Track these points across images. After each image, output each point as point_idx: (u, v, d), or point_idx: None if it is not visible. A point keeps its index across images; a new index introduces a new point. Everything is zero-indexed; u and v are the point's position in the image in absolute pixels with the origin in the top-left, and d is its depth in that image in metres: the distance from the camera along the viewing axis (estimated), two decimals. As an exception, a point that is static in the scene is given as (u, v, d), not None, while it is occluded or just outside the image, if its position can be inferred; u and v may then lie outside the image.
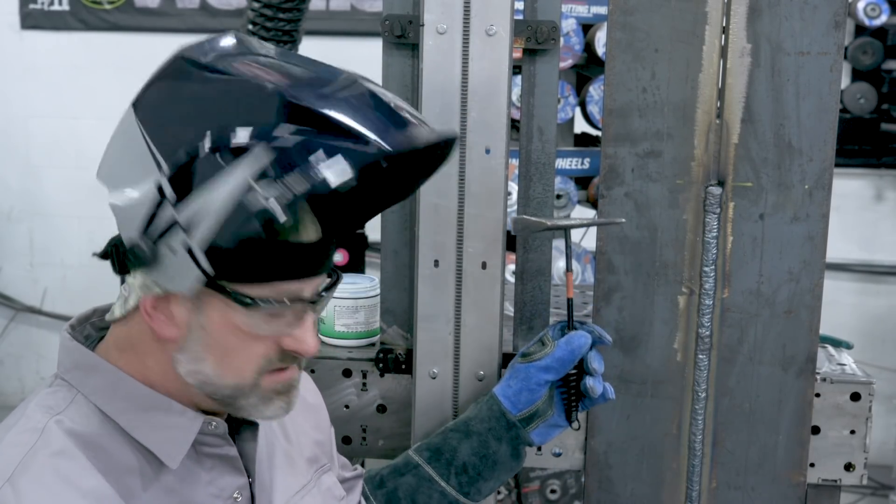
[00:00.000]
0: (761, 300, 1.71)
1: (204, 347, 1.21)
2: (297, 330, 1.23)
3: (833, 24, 1.64)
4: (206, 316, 1.20)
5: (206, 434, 1.28)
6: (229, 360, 1.22)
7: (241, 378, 1.23)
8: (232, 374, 1.22)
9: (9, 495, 1.14)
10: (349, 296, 1.89)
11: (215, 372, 1.22)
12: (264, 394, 1.24)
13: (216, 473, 1.29)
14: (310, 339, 1.23)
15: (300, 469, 1.47)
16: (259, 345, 1.22)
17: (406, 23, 1.72)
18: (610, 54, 1.69)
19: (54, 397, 1.25)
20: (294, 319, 1.22)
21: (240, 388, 1.23)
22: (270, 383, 1.25)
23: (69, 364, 1.28)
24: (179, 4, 5.24)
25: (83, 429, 1.22)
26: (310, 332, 1.24)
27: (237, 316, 1.19)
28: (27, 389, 5.56)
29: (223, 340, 1.21)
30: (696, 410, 1.74)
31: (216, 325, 1.20)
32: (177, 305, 1.20)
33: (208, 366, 1.22)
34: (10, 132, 5.35)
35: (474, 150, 1.64)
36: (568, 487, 3.50)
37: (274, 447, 1.42)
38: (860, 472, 1.78)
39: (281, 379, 1.25)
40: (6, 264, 5.46)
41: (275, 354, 1.23)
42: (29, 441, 1.19)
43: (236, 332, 1.20)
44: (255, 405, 1.25)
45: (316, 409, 1.57)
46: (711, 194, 1.69)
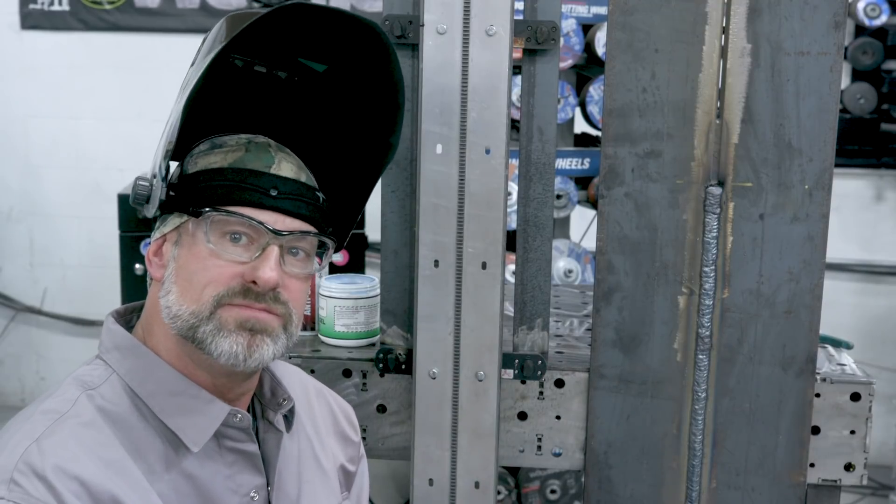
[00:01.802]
0: (761, 300, 1.71)
1: (174, 278, 1.28)
2: (257, 260, 1.26)
3: (833, 24, 1.64)
4: (180, 247, 1.28)
5: (230, 426, 1.30)
6: (190, 286, 1.26)
7: (198, 303, 1.25)
8: (191, 300, 1.26)
9: (34, 454, 1.19)
10: (349, 296, 1.89)
11: (177, 300, 1.26)
12: (223, 323, 1.26)
13: (236, 469, 1.32)
14: (267, 267, 1.25)
15: (333, 489, 1.49)
16: (218, 269, 1.26)
17: (406, 23, 1.72)
18: (610, 54, 1.69)
19: (90, 374, 1.30)
20: (257, 250, 1.26)
21: (197, 314, 1.25)
22: (230, 315, 1.26)
23: (109, 345, 1.33)
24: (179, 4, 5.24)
25: (113, 406, 1.26)
26: (269, 264, 1.26)
27: (197, 235, 1.26)
28: (27, 389, 5.56)
29: (188, 267, 1.27)
30: (696, 410, 1.74)
31: (185, 254, 1.27)
32: (167, 245, 1.30)
33: (173, 295, 1.27)
34: (10, 132, 5.34)
35: (474, 150, 1.64)
36: (568, 487, 3.50)
37: (306, 461, 1.44)
38: (860, 473, 1.78)
39: (241, 314, 1.26)
40: (6, 264, 5.46)
41: (237, 286, 1.26)
42: (61, 409, 1.24)
43: (198, 255, 1.26)
44: (213, 334, 1.25)
45: (356, 445, 1.60)
46: (711, 194, 1.69)
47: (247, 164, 1.28)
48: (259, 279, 1.25)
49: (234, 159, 1.28)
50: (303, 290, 1.33)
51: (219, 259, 1.26)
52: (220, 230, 1.26)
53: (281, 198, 1.27)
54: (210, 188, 1.27)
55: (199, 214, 1.25)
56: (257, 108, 1.41)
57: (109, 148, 5.19)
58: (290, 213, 1.28)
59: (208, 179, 1.27)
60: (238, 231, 1.26)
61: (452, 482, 1.73)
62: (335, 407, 1.57)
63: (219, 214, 1.25)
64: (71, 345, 5.44)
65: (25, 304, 5.47)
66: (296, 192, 1.29)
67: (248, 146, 1.30)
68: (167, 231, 1.30)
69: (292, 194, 1.29)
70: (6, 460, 1.18)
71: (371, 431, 1.85)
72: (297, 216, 1.29)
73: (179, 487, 1.27)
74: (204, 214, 1.25)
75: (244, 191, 1.26)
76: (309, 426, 1.48)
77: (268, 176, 1.28)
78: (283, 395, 1.39)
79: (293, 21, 1.30)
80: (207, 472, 1.29)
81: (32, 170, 5.37)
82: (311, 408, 1.51)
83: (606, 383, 1.78)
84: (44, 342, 5.52)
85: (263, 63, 1.39)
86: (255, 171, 1.27)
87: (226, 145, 1.31)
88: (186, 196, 1.28)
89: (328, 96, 1.41)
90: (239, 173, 1.27)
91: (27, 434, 1.21)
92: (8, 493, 1.15)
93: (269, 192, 1.27)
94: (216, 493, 1.29)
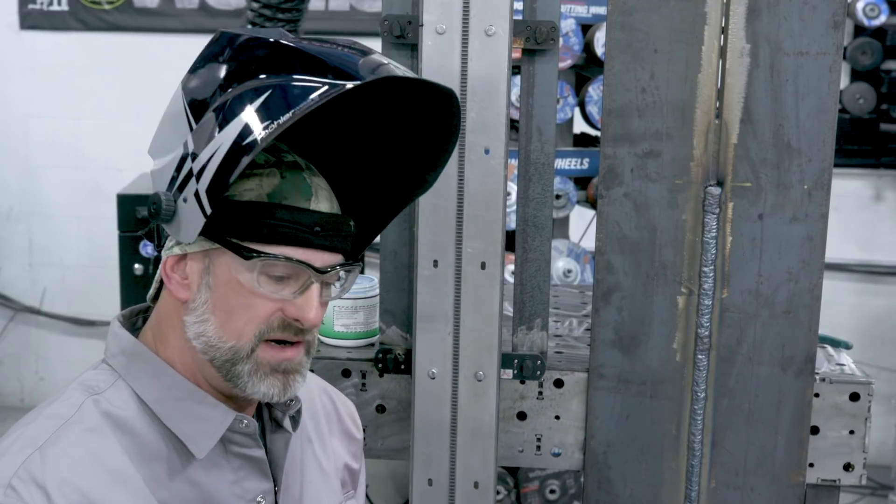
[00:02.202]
0: (760, 300, 1.72)
1: (209, 307, 1.25)
2: (299, 298, 1.25)
3: (832, 24, 1.64)
4: (214, 275, 1.24)
5: (236, 432, 1.30)
6: (230, 319, 1.24)
7: (239, 340, 1.24)
8: (231, 334, 1.24)
9: (36, 462, 1.18)
10: (348, 296, 1.88)
11: (216, 332, 1.25)
12: (260, 365, 1.25)
13: (243, 474, 1.31)
14: (311, 308, 1.25)
15: (334, 489, 1.48)
16: (261, 308, 1.24)
17: (405, 23, 1.72)
18: (609, 54, 1.70)
19: (96, 379, 1.29)
20: (299, 288, 1.24)
21: (237, 351, 1.25)
22: (267, 356, 1.26)
23: (115, 350, 1.32)
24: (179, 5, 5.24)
25: (118, 412, 1.26)
26: (312, 303, 1.25)
27: (240, 273, 1.23)
28: (26, 390, 5.56)
29: (226, 299, 1.24)
30: (696, 410, 1.74)
31: (221, 284, 1.24)
32: (191, 265, 1.26)
33: (211, 326, 1.25)
34: (9, 132, 5.34)
35: (473, 150, 1.64)
36: (567, 487, 3.51)
37: (308, 461, 1.43)
38: (859, 473, 1.78)
39: (279, 356, 1.26)
40: (5, 264, 5.46)
41: (276, 321, 1.25)
42: (65, 415, 1.23)
43: (240, 290, 1.23)
44: (250, 374, 1.25)
45: (358, 443, 1.59)
46: (710, 194, 1.69)
47: (287, 197, 1.24)
48: (305, 320, 1.24)
49: (270, 188, 1.24)
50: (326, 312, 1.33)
51: (262, 298, 1.24)
52: (266, 272, 1.23)
53: (323, 235, 1.25)
54: (253, 224, 1.22)
55: (249, 257, 1.21)
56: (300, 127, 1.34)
57: (109, 148, 5.19)
58: (329, 248, 1.26)
59: (248, 212, 1.23)
60: (283, 273, 1.24)
61: (451, 482, 1.73)
62: (339, 405, 1.57)
63: (269, 261, 1.22)
64: (70, 345, 5.44)
65: (25, 304, 5.47)
66: (335, 228, 1.27)
67: (284, 172, 1.26)
68: (192, 251, 1.26)
69: (332, 231, 1.26)
70: (6, 466, 1.18)
71: (370, 431, 1.85)
72: (333, 250, 1.27)
73: (185, 495, 1.26)
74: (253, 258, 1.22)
75: (290, 231, 1.23)
76: (310, 426, 1.48)
77: (309, 213, 1.24)
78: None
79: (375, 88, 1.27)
80: (213, 479, 1.28)
81: (32, 170, 5.37)
82: (313, 406, 1.51)
83: (605, 383, 1.78)
84: (43, 342, 5.52)
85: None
86: (297, 209, 1.24)
87: (257, 170, 1.25)
88: (228, 228, 1.23)
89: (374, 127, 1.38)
90: (284, 210, 1.23)
91: (30, 440, 1.21)
92: (4, 499, 1.14)
93: (313, 231, 1.24)
94: (222, 499, 1.29)
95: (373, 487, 4.03)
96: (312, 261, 1.24)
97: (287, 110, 1.15)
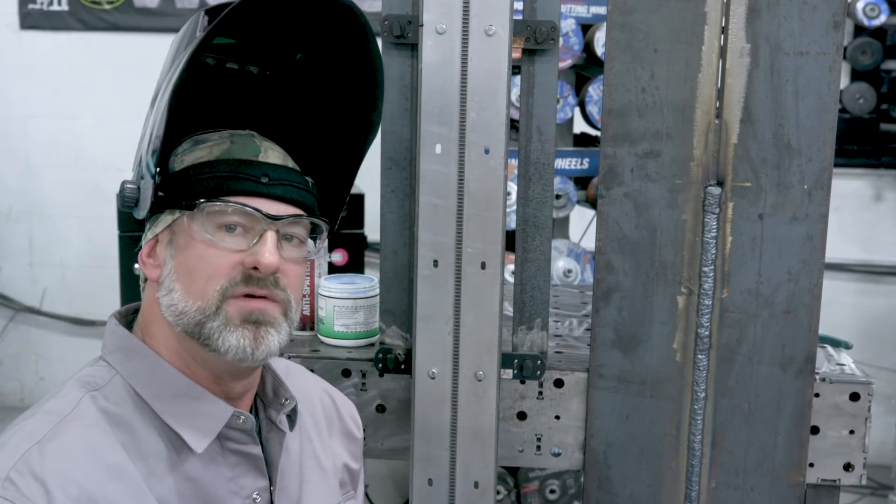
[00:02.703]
0: (760, 300, 1.72)
1: (174, 275, 1.27)
2: (255, 247, 1.26)
3: (832, 24, 1.64)
4: (176, 244, 1.28)
5: (233, 428, 1.30)
6: (193, 281, 1.26)
7: (204, 299, 1.25)
8: (196, 295, 1.26)
9: (35, 456, 1.18)
10: (348, 296, 1.89)
11: (182, 297, 1.26)
12: (229, 319, 1.26)
13: (239, 471, 1.32)
14: (265, 252, 1.26)
15: (333, 489, 1.48)
16: (218, 261, 1.26)
17: (405, 23, 1.72)
18: (609, 54, 1.70)
19: (94, 375, 1.30)
20: (254, 237, 1.26)
21: (203, 310, 1.25)
22: (235, 309, 1.26)
23: (112, 346, 1.33)
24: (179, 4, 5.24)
25: (116, 408, 1.26)
26: (268, 248, 1.26)
27: (194, 230, 1.26)
28: (26, 390, 5.56)
29: (188, 263, 1.26)
30: (696, 410, 1.74)
31: (181, 249, 1.27)
32: (160, 246, 1.29)
33: (177, 294, 1.27)
34: (9, 132, 5.34)
35: (473, 150, 1.64)
36: (567, 487, 3.51)
37: (308, 461, 1.44)
38: (859, 472, 1.78)
39: (247, 306, 1.27)
40: (5, 264, 5.46)
41: (238, 275, 1.26)
42: (63, 411, 1.24)
43: (196, 248, 1.26)
44: (219, 330, 1.26)
45: (357, 442, 1.60)
46: (711, 194, 1.69)
47: (234, 155, 1.28)
48: (260, 264, 1.25)
49: (220, 152, 1.29)
50: (300, 274, 1.33)
51: (217, 250, 1.26)
52: (216, 221, 1.26)
53: (272, 184, 1.28)
54: (201, 181, 1.27)
55: (194, 207, 1.25)
56: (235, 104, 1.40)
57: (109, 148, 5.19)
58: (282, 198, 1.28)
59: (198, 173, 1.27)
60: (234, 221, 1.26)
61: (452, 482, 1.73)
62: (340, 405, 1.58)
63: (214, 205, 1.25)
64: (70, 345, 5.44)
65: (25, 304, 5.47)
66: (286, 177, 1.30)
67: (233, 138, 1.30)
68: (159, 231, 1.30)
69: (283, 180, 1.29)
70: (5, 460, 1.18)
71: (370, 431, 1.85)
72: (289, 202, 1.29)
73: (181, 490, 1.26)
74: (199, 207, 1.25)
75: (236, 180, 1.26)
76: (311, 426, 1.48)
77: (257, 164, 1.28)
78: (286, 394, 1.39)
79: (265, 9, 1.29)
80: (210, 475, 1.29)
81: (32, 170, 5.37)
82: (313, 406, 1.51)
83: (606, 383, 1.78)
84: (43, 342, 5.52)
85: (235, 60, 1.39)
86: (244, 161, 1.28)
87: (209, 140, 1.31)
88: (177, 192, 1.27)
89: (305, 83, 1.41)
90: (228, 164, 1.27)
91: (29, 435, 1.21)
92: (2, 492, 1.15)
93: (260, 180, 1.27)
94: (218, 495, 1.29)
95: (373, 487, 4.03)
96: (264, 209, 1.26)
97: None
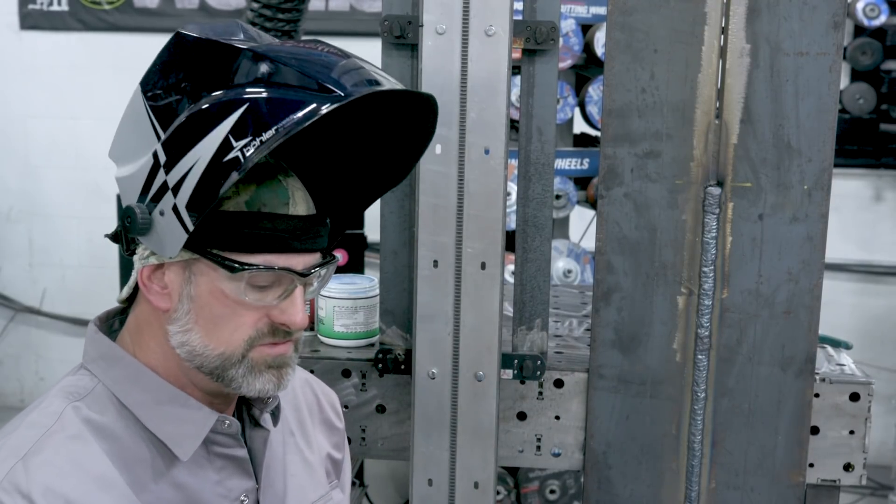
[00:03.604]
0: (760, 300, 1.72)
1: (193, 317, 1.24)
2: (284, 303, 1.24)
3: (832, 24, 1.64)
4: (196, 285, 1.23)
5: (218, 433, 1.30)
6: (217, 329, 1.23)
7: (228, 347, 1.24)
8: (219, 343, 1.24)
9: (20, 473, 1.17)
10: (348, 296, 1.89)
11: (202, 342, 1.24)
12: (254, 365, 1.25)
13: (226, 474, 1.31)
14: (297, 311, 1.25)
15: (319, 480, 1.48)
16: (247, 316, 1.24)
17: (405, 23, 1.72)
18: (609, 55, 1.70)
19: (75, 385, 1.28)
20: (282, 292, 1.24)
21: (227, 357, 1.24)
22: (261, 356, 1.26)
23: (94, 354, 1.31)
24: (179, 5, 5.24)
25: (100, 417, 1.25)
26: (297, 306, 1.25)
27: (224, 284, 1.22)
28: (26, 390, 5.56)
29: (211, 309, 1.23)
30: (696, 411, 1.74)
31: (204, 294, 1.23)
32: (170, 275, 1.24)
33: (196, 336, 1.24)
34: (9, 132, 5.35)
35: (473, 150, 1.64)
36: (567, 488, 3.50)
37: (291, 455, 1.43)
38: (859, 473, 1.78)
39: (272, 353, 1.26)
40: (5, 264, 5.46)
41: (264, 327, 1.25)
42: (46, 423, 1.22)
43: (224, 300, 1.22)
44: (244, 376, 1.25)
45: (340, 433, 1.59)
46: (710, 195, 1.69)
47: (265, 204, 1.22)
48: (292, 324, 1.24)
49: (248, 196, 1.22)
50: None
51: (248, 306, 1.23)
52: (253, 282, 1.22)
53: (304, 239, 1.24)
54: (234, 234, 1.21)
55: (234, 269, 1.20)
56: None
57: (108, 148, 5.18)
58: (309, 251, 1.26)
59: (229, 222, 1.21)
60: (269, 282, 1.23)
61: (451, 482, 1.73)
62: (321, 395, 1.57)
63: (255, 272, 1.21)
64: (70, 345, 5.44)
65: (25, 304, 5.47)
66: (313, 230, 1.26)
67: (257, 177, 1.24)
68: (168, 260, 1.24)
69: (311, 232, 1.26)
70: None
71: (370, 432, 1.85)
72: (313, 251, 1.27)
73: (169, 497, 1.26)
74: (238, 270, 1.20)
75: (272, 239, 1.22)
76: (292, 419, 1.47)
77: (288, 218, 1.23)
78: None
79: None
80: (197, 480, 1.28)
81: (32, 170, 5.38)
82: (296, 399, 1.50)
83: (605, 383, 1.78)
84: (43, 342, 5.53)
85: None
86: (278, 216, 1.22)
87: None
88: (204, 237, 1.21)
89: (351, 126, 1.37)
90: (261, 219, 1.21)
91: (12, 450, 1.20)
92: None
93: (294, 235, 1.23)
94: (206, 499, 1.29)
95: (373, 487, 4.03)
96: (294, 265, 1.24)
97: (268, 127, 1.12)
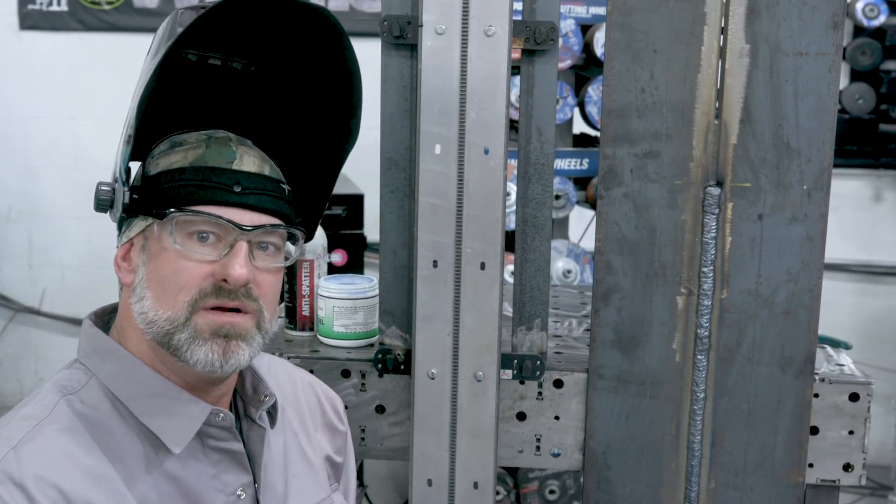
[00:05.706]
0: (760, 300, 1.72)
1: (145, 283, 1.27)
2: (226, 258, 1.25)
3: (831, 24, 1.64)
4: (148, 250, 1.27)
5: (212, 426, 1.30)
6: (164, 290, 1.25)
7: (174, 309, 1.25)
8: (166, 304, 1.25)
9: (12, 462, 1.18)
10: (348, 296, 1.89)
11: (152, 306, 1.26)
12: (198, 332, 1.25)
13: (222, 468, 1.32)
14: (236, 265, 1.24)
15: (322, 482, 1.48)
16: (190, 272, 1.25)
17: (405, 23, 1.72)
18: (608, 55, 1.70)
19: (70, 379, 1.29)
20: (225, 248, 1.25)
21: (173, 321, 1.25)
22: (205, 321, 1.26)
23: (88, 349, 1.32)
24: (178, 5, 5.24)
25: (92, 411, 1.26)
26: (238, 261, 1.25)
27: (165, 239, 1.25)
28: (26, 390, 5.55)
29: (159, 271, 1.26)
30: (695, 411, 1.74)
31: (153, 256, 1.26)
32: (134, 250, 1.29)
33: (148, 301, 1.26)
34: (9, 133, 5.34)
35: (473, 150, 1.64)
36: (567, 488, 3.50)
37: (293, 456, 1.43)
38: (859, 473, 1.78)
39: (217, 320, 1.26)
40: (5, 265, 5.46)
41: (208, 286, 1.25)
42: (39, 415, 1.24)
43: (167, 258, 1.25)
44: (188, 343, 1.25)
45: (342, 435, 1.60)
46: (710, 195, 1.69)
47: (208, 162, 1.26)
48: (230, 277, 1.24)
49: (194, 157, 1.27)
50: (274, 284, 1.32)
51: (188, 260, 1.25)
52: (186, 231, 1.25)
53: (245, 193, 1.26)
54: (172, 189, 1.25)
55: (164, 216, 1.24)
56: (215, 103, 1.39)
57: (109, 148, 5.13)
58: (255, 208, 1.27)
59: (170, 180, 1.26)
60: (204, 230, 1.25)
61: (451, 482, 1.73)
62: (322, 397, 1.57)
63: (183, 215, 1.24)
64: (70, 345, 5.42)
65: (24, 304, 5.47)
66: (260, 186, 1.28)
67: (208, 142, 1.29)
68: (133, 235, 1.29)
69: (256, 189, 1.27)
70: None
71: (370, 432, 1.85)
72: (263, 210, 1.28)
73: (162, 489, 1.26)
74: (168, 216, 1.24)
75: (207, 189, 1.25)
76: (295, 420, 1.48)
77: (230, 172, 1.26)
78: (265, 391, 1.39)
79: (245, 11, 1.29)
80: (192, 473, 1.29)
81: (31, 170, 5.37)
82: (297, 401, 1.50)
83: (605, 384, 1.78)
84: (43, 343, 5.52)
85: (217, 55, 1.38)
86: (216, 169, 1.26)
87: (186, 143, 1.29)
88: (149, 198, 1.26)
89: (285, 85, 1.40)
90: (200, 171, 1.26)
91: (5, 441, 1.21)
92: None
93: (232, 189, 1.26)
94: (201, 492, 1.29)
95: (373, 487, 4.03)
96: (236, 219, 1.25)
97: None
